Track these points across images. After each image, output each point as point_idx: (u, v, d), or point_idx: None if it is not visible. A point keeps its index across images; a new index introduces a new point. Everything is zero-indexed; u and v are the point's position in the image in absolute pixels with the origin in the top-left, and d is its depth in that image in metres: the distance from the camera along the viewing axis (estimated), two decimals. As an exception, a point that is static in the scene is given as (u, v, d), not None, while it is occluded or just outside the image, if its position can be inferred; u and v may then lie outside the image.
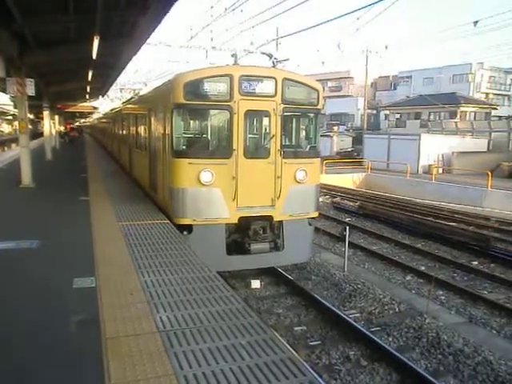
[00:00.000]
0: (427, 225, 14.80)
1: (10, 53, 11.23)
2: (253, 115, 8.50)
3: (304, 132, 9.39)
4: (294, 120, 9.06)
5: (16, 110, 17.03)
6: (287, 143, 8.77)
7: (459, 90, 47.66)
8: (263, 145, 8.55)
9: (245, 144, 8.13)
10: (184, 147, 8.25)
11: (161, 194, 9.29)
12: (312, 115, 8.93)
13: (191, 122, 8.84)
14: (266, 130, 8.57)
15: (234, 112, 7.85)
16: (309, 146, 9.08)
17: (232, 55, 9.66)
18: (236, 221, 8.10)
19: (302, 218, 8.65)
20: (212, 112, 8.48)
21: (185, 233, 7.76)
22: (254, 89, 7.96)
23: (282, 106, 8.14)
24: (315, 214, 9.05)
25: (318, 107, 8.72)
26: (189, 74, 8.03)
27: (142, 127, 12.24)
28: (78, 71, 17.27)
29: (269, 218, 8.35)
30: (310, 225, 8.93)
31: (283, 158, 8.25)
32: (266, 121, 8.47)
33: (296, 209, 8.50)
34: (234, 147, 7.94)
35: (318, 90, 8.61)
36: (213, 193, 7.88)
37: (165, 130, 8.66)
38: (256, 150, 8.48)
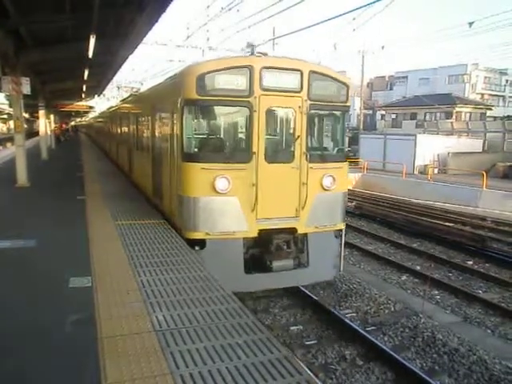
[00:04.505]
0: (423, 225, 14.86)
1: (5, 51, 11.18)
2: (275, 113, 7.58)
3: (331, 132, 8.36)
4: (321, 119, 8.12)
5: (11, 109, 16.95)
6: (313, 145, 7.82)
7: (455, 90, 47.94)
8: (287, 147, 7.62)
9: (266, 146, 7.15)
10: (196, 150, 7.26)
11: (167, 202, 8.31)
12: (340, 113, 7.99)
13: (204, 120, 7.76)
14: (290, 130, 7.61)
15: (255, 109, 6.92)
16: (336, 149, 8.11)
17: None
18: (255, 234, 7.17)
19: (328, 229, 7.76)
20: (229, 109, 7.51)
21: (196, 248, 6.85)
22: (277, 83, 7.04)
23: (309, 102, 7.22)
24: (342, 226, 8.05)
25: (347, 104, 7.82)
26: (202, 66, 7.05)
27: (145, 126, 11.21)
28: (74, 70, 17.22)
29: (292, 231, 7.43)
30: (336, 237, 8.01)
31: (309, 162, 7.33)
32: (290, 120, 7.53)
33: (322, 220, 7.61)
34: (253, 150, 7.00)
35: (347, 85, 7.71)
36: (229, 202, 6.96)
37: (173, 130, 7.71)
38: (279, 154, 7.52)
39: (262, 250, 7.33)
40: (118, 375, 3.21)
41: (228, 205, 6.96)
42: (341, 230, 8.09)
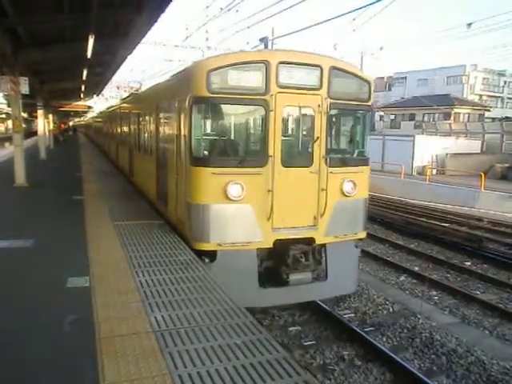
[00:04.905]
0: (421, 225, 14.88)
1: (3, 50, 11.17)
2: (293, 113, 6.94)
3: (352, 134, 7.73)
4: (341, 119, 7.70)
5: (10, 109, 16.94)
6: (333, 148, 7.34)
7: (453, 91, 48.08)
8: (305, 150, 7.03)
9: (282, 149, 6.59)
10: (206, 153, 6.64)
11: (173, 209, 7.74)
12: (361, 113, 7.41)
13: (215, 120, 7.00)
14: (308, 131, 7.03)
15: (271, 108, 6.37)
16: (357, 152, 7.54)
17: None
18: (271, 245, 6.63)
19: (348, 239, 7.24)
20: (242, 108, 6.96)
21: (206, 260, 6.34)
22: (295, 79, 6.51)
23: (329, 101, 6.69)
24: (363, 235, 7.50)
25: (369, 104, 7.25)
26: (213, 60, 6.55)
27: (148, 127, 10.58)
28: (72, 70, 17.21)
29: (310, 241, 6.90)
30: (356, 247, 7.54)
31: (329, 166, 6.80)
32: (308, 120, 6.92)
33: (342, 228, 7.09)
34: (269, 153, 6.44)
35: (369, 83, 7.18)
36: (242, 210, 6.41)
37: (180, 131, 7.12)
38: (296, 157, 6.96)
39: (278, 262, 6.79)
40: (116, 375, 3.20)
41: (241, 213, 6.43)
42: (361, 240, 7.60)
